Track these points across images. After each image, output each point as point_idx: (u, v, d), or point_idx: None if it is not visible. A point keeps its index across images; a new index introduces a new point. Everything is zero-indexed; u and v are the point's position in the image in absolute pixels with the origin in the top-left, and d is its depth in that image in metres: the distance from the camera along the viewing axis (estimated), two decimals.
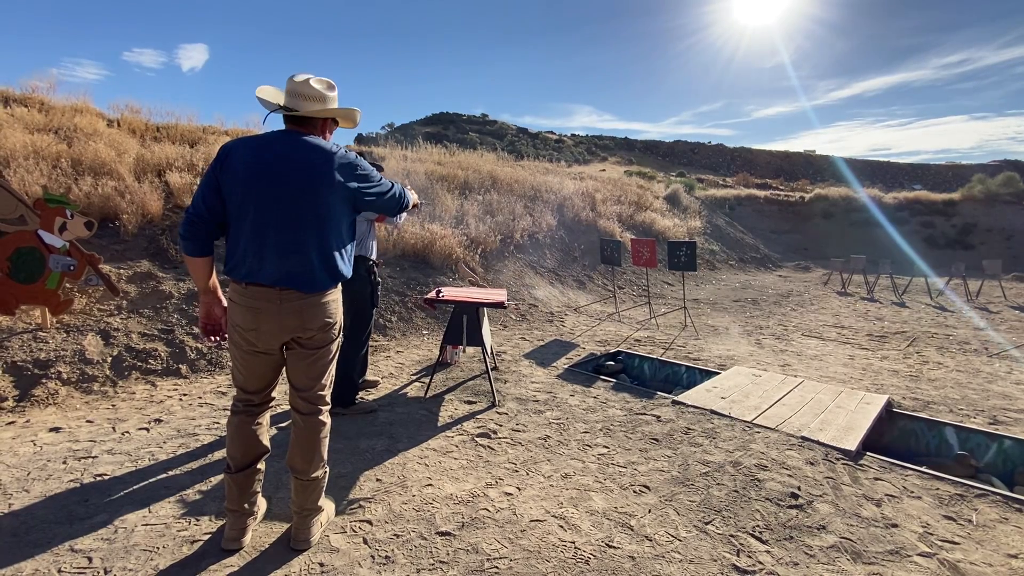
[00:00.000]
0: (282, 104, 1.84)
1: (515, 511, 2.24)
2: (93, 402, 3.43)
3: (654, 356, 5.04)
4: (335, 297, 1.92)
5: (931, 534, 2.16)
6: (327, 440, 1.97)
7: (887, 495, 2.47)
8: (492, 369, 4.29)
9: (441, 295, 3.75)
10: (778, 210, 20.38)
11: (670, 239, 11.96)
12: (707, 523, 2.20)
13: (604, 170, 24.05)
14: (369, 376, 3.87)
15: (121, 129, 6.95)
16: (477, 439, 2.98)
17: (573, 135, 54.09)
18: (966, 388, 4.27)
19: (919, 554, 2.02)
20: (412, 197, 2.23)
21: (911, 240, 17.93)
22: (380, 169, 3.40)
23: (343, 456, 2.70)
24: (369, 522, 2.13)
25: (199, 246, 1.80)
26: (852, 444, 2.91)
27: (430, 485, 2.44)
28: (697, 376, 4.49)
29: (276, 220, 1.75)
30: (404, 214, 3.39)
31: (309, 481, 1.91)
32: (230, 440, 1.92)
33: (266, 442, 1.97)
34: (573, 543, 2.03)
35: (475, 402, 3.59)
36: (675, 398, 3.68)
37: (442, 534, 2.06)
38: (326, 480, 2.00)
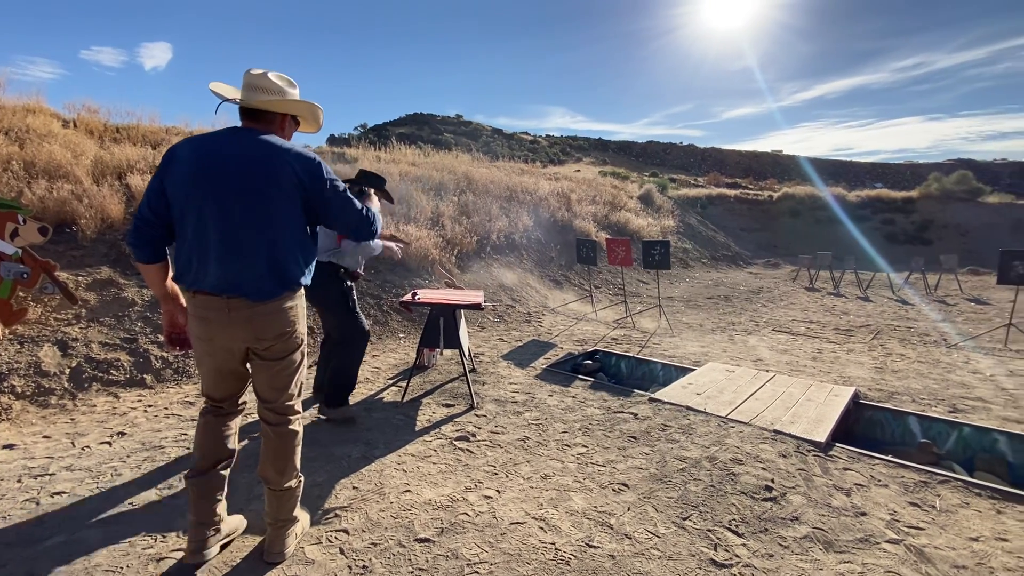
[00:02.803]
0: (239, 99, 1.74)
1: (495, 514, 2.23)
2: (50, 416, 3.27)
3: (631, 354, 5.09)
4: (292, 305, 1.78)
5: (898, 521, 2.23)
6: (299, 449, 1.91)
7: (856, 484, 2.54)
8: (470, 371, 4.27)
9: (417, 297, 3.71)
10: (748, 209, 20.88)
11: (644, 238, 12.12)
12: (685, 519, 2.23)
13: (579, 170, 24.23)
14: None
15: (78, 130, 6.66)
16: (456, 443, 2.96)
17: (548, 136, 54.37)
18: (927, 378, 4.44)
19: (887, 541, 2.09)
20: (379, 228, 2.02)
21: (873, 236, 18.62)
22: (382, 182, 3.31)
23: (318, 464, 2.63)
24: (346, 531, 2.08)
25: (149, 252, 1.73)
26: (822, 436, 2.99)
27: (408, 491, 2.41)
28: (673, 373, 4.55)
29: (218, 223, 1.64)
30: (379, 242, 3.28)
31: (282, 491, 1.86)
32: (196, 439, 1.85)
33: (232, 446, 1.89)
34: (553, 544, 2.03)
35: (453, 405, 3.56)
36: (652, 395, 3.72)
37: (421, 541, 2.02)
38: (300, 490, 1.95)
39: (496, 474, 2.60)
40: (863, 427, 3.63)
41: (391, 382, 4.04)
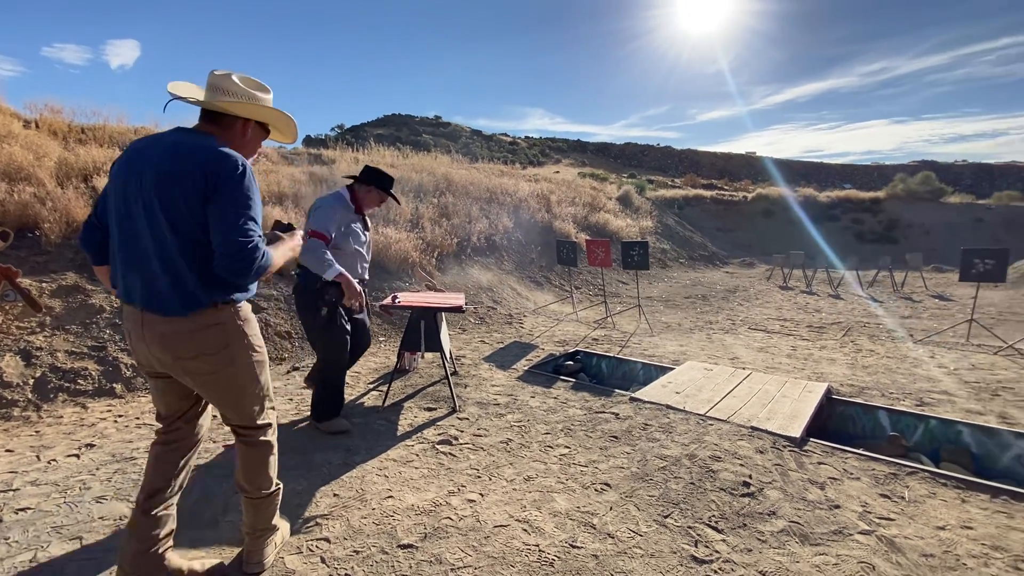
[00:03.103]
0: (190, 98, 1.59)
1: (479, 518, 2.22)
2: (13, 429, 3.14)
3: (611, 354, 5.14)
4: (217, 323, 1.59)
5: (869, 512, 2.30)
6: (274, 460, 1.85)
7: (830, 478, 2.61)
8: (452, 374, 4.25)
9: (398, 301, 3.68)
10: (723, 209, 21.29)
11: (623, 239, 12.25)
12: (666, 516, 2.26)
13: (558, 172, 24.35)
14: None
15: (40, 130, 6.42)
16: (438, 447, 2.94)
17: (527, 137, 54.58)
18: (895, 373, 4.59)
19: (859, 532, 2.15)
20: (274, 262, 1.62)
21: (844, 235, 19.19)
22: (389, 183, 3.08)
23: (297, 472, 2.59)
24: (327, 540, 2.05)
25: (95, 255, 1.72)
26: (797, 431, 3.07)
27: (390, 497, 2.38)
28: (653, 372, 4.61)
29: (123, 229, 1.55)
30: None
31: (259, 499, 1.81)
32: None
33: (170, 480, 1.70)
34: (537, 546, 2.03)
35: (435, 408, 3.54)
36: (632, 395, 3.76)
37: (404, 547, 2.01)
38: (279, 498, 1.91)
39: (479, 477, 2.60)
40: (836, 422, 3.73)
41: (371, 386, 4.00)
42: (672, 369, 4.51)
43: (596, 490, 2.48)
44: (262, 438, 1.79)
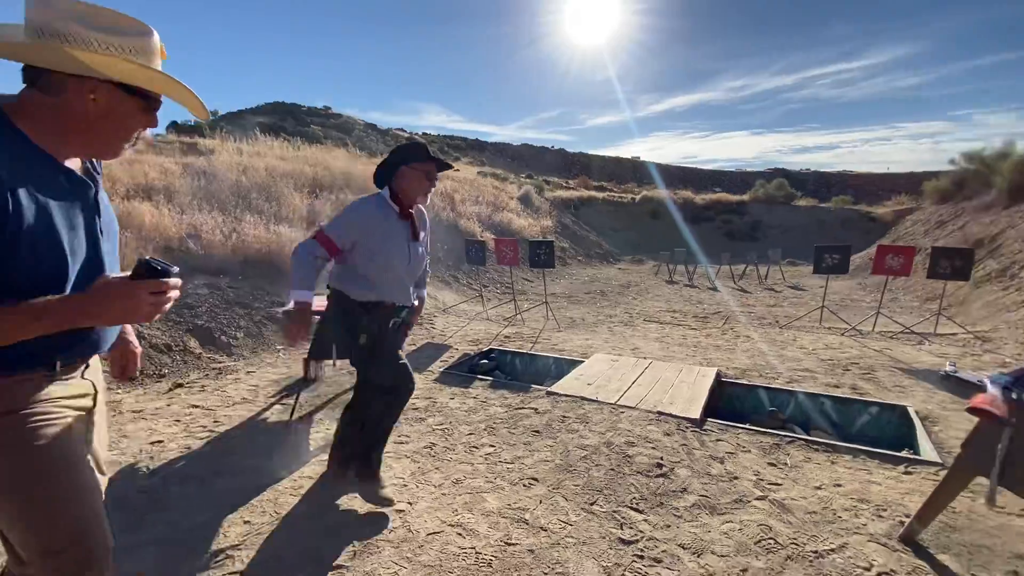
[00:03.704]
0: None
1: (410, 528, 2.15)
2: None
3: (524, 351, 5.25)
4: None
5: (762, 480, 2.60)
6: None
7: (727, 453, 2.91)
8: None
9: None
10: (614, 210, 22.75)
11: (528, 238, 12.57)
12: (592, 504, 2.36)
13: (458, 170, 24.27)
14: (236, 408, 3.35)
15: None
16: None
17: (425, 134, 53.72)
18: (768, 356, 5.24)
19: (756, 498, 2.43)
20: None
21: (717, 234, 21.50)
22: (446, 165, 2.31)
23: (197, 503, 2.30)
24: (241, 574, 1.85)
25: None
26: (696, 413, 3.38)
27: (310, 517, 2.21)
28: (564, 366, 4.79)
29: None
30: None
31: None
32: None
33: None
34: (473, 548, 2.01)
35: None
36: (549, 389, 3.88)
37: (334, 568, 1.88)
38: None
39: (406, 485, 2.51)
40: (726, 402, 4.17)
41: (274, 400, 3.68)
42: (582, 362, 4.72)
43: (524, 485, 2.52)
44: None
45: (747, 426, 3.28)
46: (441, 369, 4.52)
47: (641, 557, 1.99)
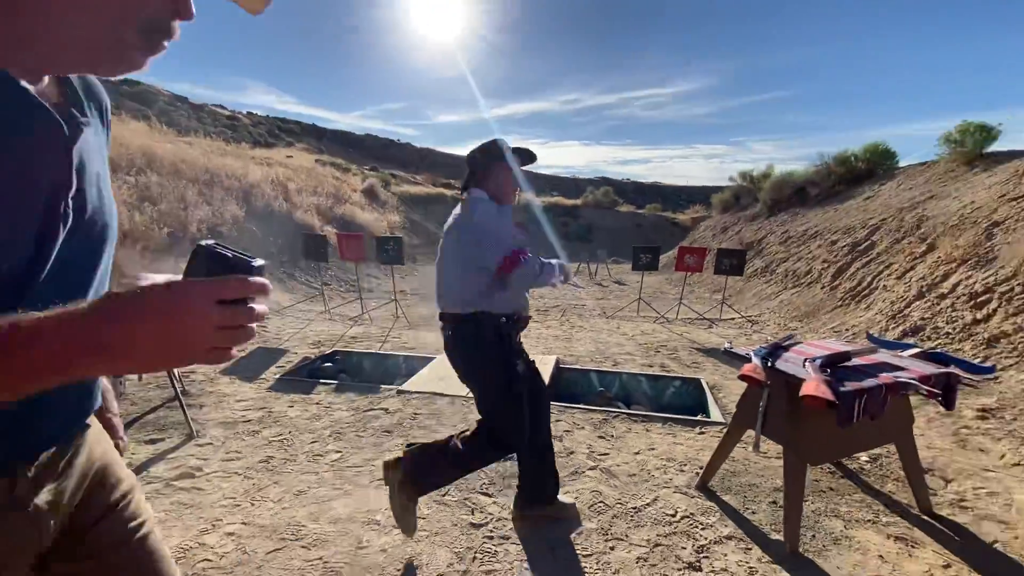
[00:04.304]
0: None
1: (244, 550, 1.94)
2: None
3: (373, 351, 5.07)
4: None
5: (594, 452, 2.93)
6: None
7: (564, 431, 3.21)
8: (182, 394, 3.51)
9: None
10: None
11: (374, 234, 12.11)
12: (444, 495, 2.41)
13: (291, 156, 22.21)
14: None
15: None
16: (175, 483, 2.42)
17: (250, 113, 48.00)
18: (597, 343, 5.89)
19: (588, 469, 2.73)
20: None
21: (555, 235, 23.28)
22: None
23: None
24: None
25: None
26: None
27: None
28: (416, 364, 4.75)
29: None
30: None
31: None
32: None
33: None
34: (321, 559, 1.91)
35: (163, 439, 2.88)
36: (399, 388, 3.82)
37: None
38: None
39: (238, 505, 2.26)
40: (564, 385, 4.58)
41: None
42: (434, 358, 4.75)
43: (375, 488, 2.46)
44: None
45: (581, 406, 3.65)
46: (277, 376, 4.13)
47: (491, 538, 2.10)
